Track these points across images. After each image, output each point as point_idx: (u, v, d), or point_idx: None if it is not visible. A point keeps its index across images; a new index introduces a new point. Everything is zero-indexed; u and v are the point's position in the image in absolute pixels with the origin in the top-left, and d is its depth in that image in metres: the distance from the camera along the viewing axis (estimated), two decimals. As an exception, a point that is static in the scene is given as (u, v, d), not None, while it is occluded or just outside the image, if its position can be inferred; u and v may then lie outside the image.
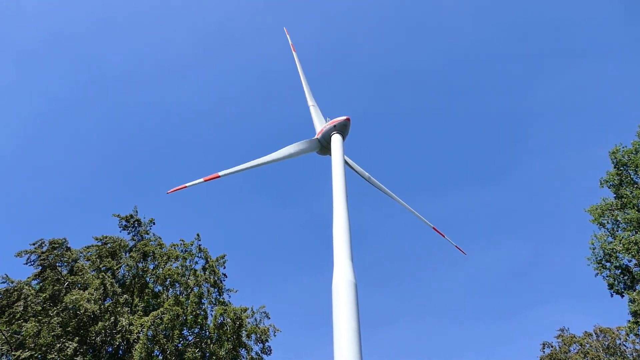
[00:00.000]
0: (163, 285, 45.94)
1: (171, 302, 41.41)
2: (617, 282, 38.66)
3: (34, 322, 37.17)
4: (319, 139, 37.41)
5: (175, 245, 48.35)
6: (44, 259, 41.62)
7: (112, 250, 45.00)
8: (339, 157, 33.26)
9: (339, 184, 30.68)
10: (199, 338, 44.00)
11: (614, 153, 40.28)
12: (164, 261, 46.04)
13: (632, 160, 39.09)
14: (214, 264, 47.02)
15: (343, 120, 36.01)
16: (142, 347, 37.74)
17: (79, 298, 38.21)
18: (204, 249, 47.57)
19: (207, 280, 45.88)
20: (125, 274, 45.57)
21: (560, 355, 61.09)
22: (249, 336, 44.85)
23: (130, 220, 47.89)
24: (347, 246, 26.71)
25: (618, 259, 38.29)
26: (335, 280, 24.82)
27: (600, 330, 61.73)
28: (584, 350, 59.67)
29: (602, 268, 39.20)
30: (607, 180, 40.53)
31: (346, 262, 25.64)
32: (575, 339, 61.94)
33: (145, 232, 48.27)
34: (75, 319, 38.50)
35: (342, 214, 28.44)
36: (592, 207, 40.68)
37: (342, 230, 27.47)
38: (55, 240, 42.83)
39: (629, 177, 39.47)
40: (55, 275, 41.17)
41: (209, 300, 46.01)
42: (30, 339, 36.63)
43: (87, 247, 45.13)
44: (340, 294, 24.02)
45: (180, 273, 45.65)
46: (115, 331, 39.38)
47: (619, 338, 59.77)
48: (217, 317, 43.14)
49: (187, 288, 45.14)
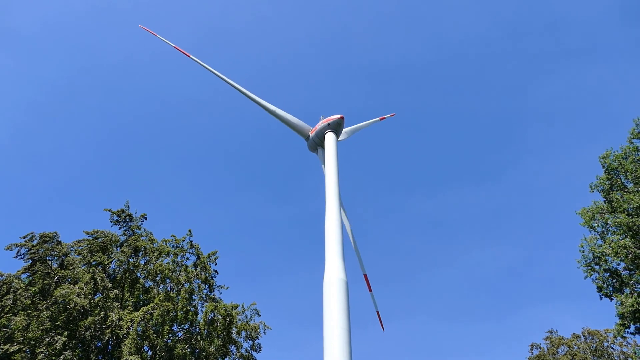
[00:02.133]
0: (154, 281, 45.87)
1: (162, 298, 41.35)
2: (606, 285, 38.98)
3: (23, 316, 37.01)
4: (311, 136, 37.60)
5: (166, 241, 48.30)
6: (34, 252, 41.44)
7: (103, 245, 44.85)
8: (332, 156, 33.37)
9: (332, 183, 30.79)
10: (189, 334, 43.98)
11: (604, 158, 40.59)
12: (155, 257, 45.96)
13: (622, 165, 39.41)
14: (205, 261, 47.01)
15: (337, 118, 36.14)
16: (132, 342, 37.67)
17: (69, 292, 38.06)
18: (196, 245, 47.58)
19: (198, 277, 45.86)
20: (116, 269, 45.44)
21: (548, 357, 61.51)
22: (239, 333, 44.90)
23: (122, 215, 47.75)
24: (339, 244, 26.83)
25: (607, 262, 38.62)
26: (326, 278, 24.90)
27: (588, 332, 62.22)
28: (572, 352, 60.10)
29: (592, 271, 39.52)
30: (597, 185, 40.86)
31: (337, 261, 25.76)
32: (563, 340, 62.39)
33: (136, 227, 48.15)
34: (64, 313, 38.35)
35: (334, 212, 28.55)
36: (583, 210, 40.98)
37: (334, 228, 27.57)
38: (46, 234, 42.64)
39: (620, 181, 39.79)
40: (46, 269, 41.00)
41: (199, 297, 46.01)
42: (19, 332, 36.46)
43: (78, 241, 44.95)
44: (331, 292, 24.11)
45: (171, 269, 45.60)
46: (105, 326, 39.29)
47: (607, 340, 60.27)
48: (208, 314, 43.15)
49: (178, 284, 45.10)
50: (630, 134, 40.05)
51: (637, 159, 39.16)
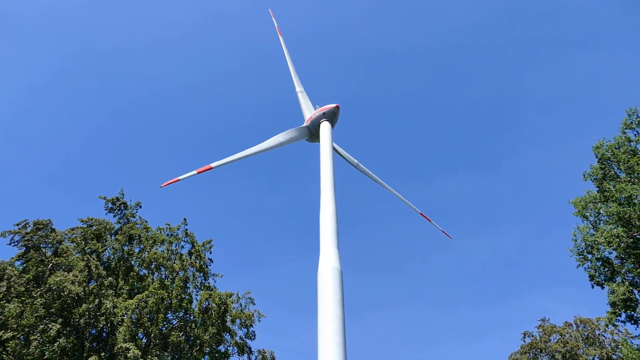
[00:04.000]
0: (148, 269, 45.93)
1: (156, 286, 41.44)
2: (598, 274, 39.35)
3: (17, 303, 37.02)
4: (307, 127, 37.44)
5: (161, 229, 48.27)
6: (28, 239, 41.35)
7: (97, 233, 44.78)
8: (327, 145, 33.35)
9: (327, 172, 30.81)
10: (183, 322, 44.16)
11: (597, 148, 40.81)
12: (150, 245, 45.97)
13: (614, 155, 39.62)
14: (200, 249, 47.06)
15: (332, 107, 36.08)
16: (126, 329, 37.80)
17: (63, 280, 38.04)
18: (191, 233, 47.57)
19: (193, 265, 45.94)
20: (111, 256, 45.45)
21: (540, 345, 62.23)
22: (234, 321, 45.10)
23: (117, 202, 47.62)
24: (334, 233, 26.92)
25: (599, 251, 38.95)
26: (321, 267, 25.03)
27: (580, 320, 62.94)
28: (564, 340, 60.80)
29: (584, 260, 39.85)
30: (590, 174, 41.09)
31: (332, 250, 25.86)
32: (555, 328, 63.08)
33: (131, 215, 48.07)
34: (59, 301, 38.38)
35: (329, 201, 28.60)
36: (576, 200, 41.24)
37: (328, 217, 27.65)
38: (40, 221, 42.52)
39: (612, 171, 40.03)
40: (40, 257, 40.95)
41: (194, 285, 46.14)
42: (12, 319, 36.50)
43: (72, 229, 44.86)
44: (326, 281, 24.26)
45: (166, 257, 45.64)
46: (99, 313, 39.38)
47: (598, 328, 61.00)
48: (202, 302, 43.27)
49: (173, 272, 45.18)
50: (623, 124, 40.23)
51: (629, 149, 39.37)
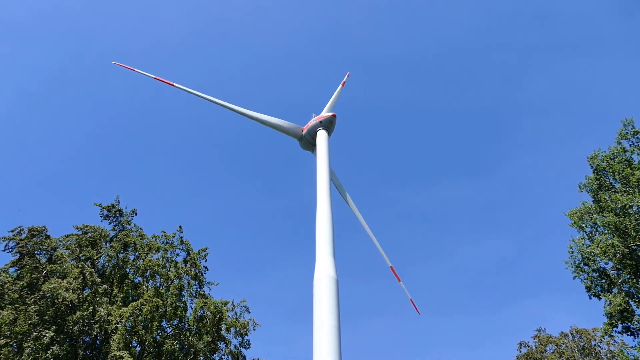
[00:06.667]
0: (143, 277, 45.71)
1: (151, 294, 41.23)
2: (595, 285, 39.24)
3: (10, 310, 36.75)
4: (303, 135, 37.54)
5: (156, 236, 48.16)
6: (23, 246, 41.14)
7: (92, 240, 44.63)
8: (324, 153, 33.40)
9: (323, 180, 30.82)
10: (178, 330, 43.89)
11: (592, 158, 40.94)
12: (145, 252, 45.82)
13: (610, 165, 39.77)
14: (195, 257, 46.90)
15: (329, 116, 36.19)
16: (120, 337, 37.56)
17: (57, 287, 37.83)
18: (186, 241, 47.47)
19: (188, 273, 45.76)
20: (105, 264, 45.27)
21: (536, 355, 62.00)
22: (229, 330, 44.86)
23: (112, 210, 47.53)
24: (330, 241, 26.87)
25: (596, 262, 38.91)
26: (316, 275, 24.94)
27: (576, 331, 62.77)
28: (560, 350, 60.62)
29: (580, 271, 39.78)
30: (586, 185, 41.20)
31: (328, 258, 25.79)
32: (551, 339, 62.89)
33: (126, 223, 47.95)
34: (52, 308, 38.13)
35: (326, 209, 28.58)
36: (572, 211, 41.26)
37: (324, 225, 27.61)
38: (35, 228, 42.33)
39: (608, 181, 40.15)
40: (34, 263, 40.72)
41: (189, 293, 45.91)
42: (6, 326, 36.22)
43: (67, 235, 44.70)
44: (321, 290, 24.16)
45: (161, 265, 45.47)
46: (94, 321, 39.13)
47: (594, 339, 60.82)
48: (197, 310, 43.07)
49: (168, 280, 44.98)
50: (618, 134, 40.42)
51: (624, 159, 39.53)
